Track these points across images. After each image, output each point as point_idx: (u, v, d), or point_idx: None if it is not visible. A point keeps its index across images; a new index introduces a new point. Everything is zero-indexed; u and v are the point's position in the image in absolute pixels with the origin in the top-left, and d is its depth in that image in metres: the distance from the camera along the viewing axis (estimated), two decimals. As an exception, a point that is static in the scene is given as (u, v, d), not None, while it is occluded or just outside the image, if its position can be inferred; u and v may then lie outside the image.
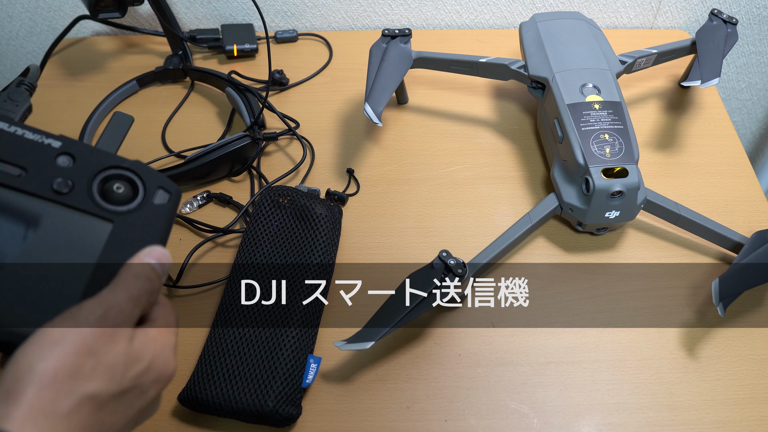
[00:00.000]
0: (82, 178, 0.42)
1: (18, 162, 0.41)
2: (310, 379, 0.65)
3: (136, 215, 0.43)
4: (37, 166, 0.42)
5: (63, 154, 0.43)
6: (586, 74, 0.80)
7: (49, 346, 0.36)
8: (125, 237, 0.42)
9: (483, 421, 0.66)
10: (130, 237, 0.43)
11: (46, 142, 0.43)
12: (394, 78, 0.82)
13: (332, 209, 0.76)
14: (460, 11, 1.06)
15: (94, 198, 0.42)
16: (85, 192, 0.42)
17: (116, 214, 0.43)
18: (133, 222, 0.43)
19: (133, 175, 0.44)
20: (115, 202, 0.43)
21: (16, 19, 1.03)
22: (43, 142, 0.43)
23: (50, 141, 0.43)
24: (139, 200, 0.44)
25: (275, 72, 0.95)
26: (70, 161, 0.43)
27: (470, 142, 0.90)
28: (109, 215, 0.42)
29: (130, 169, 0.44)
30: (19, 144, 0.42)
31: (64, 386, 0.35)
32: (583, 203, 0.74)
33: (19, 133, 0.42)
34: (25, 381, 0.35)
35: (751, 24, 1.10)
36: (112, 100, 0.92)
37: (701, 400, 0.67)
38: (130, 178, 0.44)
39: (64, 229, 0.41)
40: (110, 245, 0.42)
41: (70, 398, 0.35)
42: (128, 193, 0.43)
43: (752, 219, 0.81)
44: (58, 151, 0.43)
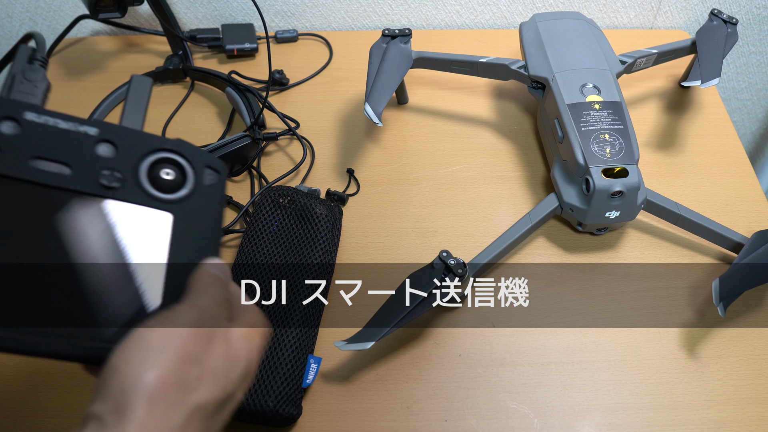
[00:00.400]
0: (128, 167, 0.40)
1: (60, 157, 0.38)
2: (311, 379, 0.65)
3: (191, 202, 0.41)
4: (80, 159, 0.39)
5: (102, 141, 0.40)
6: (586, 74, 0.80)
7: (153, 354, 0.35)
8: (188, 228, 0.40)
9: (483, 422, 0.66)
10: (193, 227, 0.41)
11: (81, 129, 0.39)
12: (394, 78, 0.82)
13: (332, 209, 0.76)
14: (460, 11, 1.06)
15: (146, 188, 0.40)
16: (135, 183, 0.40)
17: (172, 203, 0.41)
18: (190, 210, 0.41)
19: (179, 156, 0.41)
20: (166, 189, 0.41)
21: (16, 19, 1.03)
22: (79, 130, 0.39)
23: (85, 128, 0.40)
24: (191, 185, 0.41)
25: (275, 72, 0.95)
26: (112, 149, 0.40)
27: (470, 142, 0.90)
28: (165, 206, 0.40)
29: (175, 151, 0.41)
30: (56, 136, 0.39)
31: (174, 399, 0.34)
32: (583, 203, 0.74)
33: (52, 123, 0.39)
34: (133, 394, 0.33)
35: (751, 24, 1.10)
36: (112, 100, 0.92)
37: (701, 400, 0.67)
38: (175, 160, 0.41)
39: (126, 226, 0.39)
40: (176, 239, 0.40)
41: (180, 411, 0.34)
42: (178, 177, 0.41)
43: (752, 219, 0.81)
44: (96, 138, 0.40)
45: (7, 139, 0.37)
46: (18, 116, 0.38)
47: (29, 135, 0.38)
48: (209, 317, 0.38)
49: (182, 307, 0.38)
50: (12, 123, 0.38)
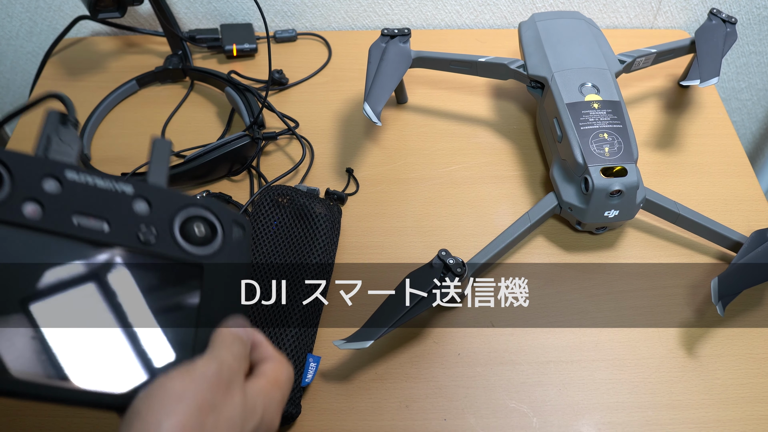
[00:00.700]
0: (163, 223, 0.42)
1: (99, 214, 0.41)
2: (310, 378, 0.65)
3: (221, 255, 0.43)
4: (118, 216, 0.41)
5: (137, 198, 0.42)
6: (585, 73, 0.80)
7: (174, 402, 0.36)
8: (217, 282, 0.43)
9: (482, 420, 0.66)
10: (221, 281, 0.43)
11: (118, 189, 0.42)
12: (393, 77, 0.82)
13: (331, 208, 0.76)
14: (460, 11, 1.06)
15: (179, 243, 0.42)
16: (169, 238, 0.42)
17: (203, 257, 0.43)
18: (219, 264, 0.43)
19: (209, 213, 0.44)
20: (198, 243, 0.43)
21: (16, 19, 1.03)
22: (116, 189, 0.42)
23: (122, 187, 0.42)
24: (220, 240, 0.44)
25: (275, 72, 0.95)
26: (147, 206, 0.42)
27: (469, 141, 0.90)
28: (197, 259, 0.42)
29: (206, 207, 0.44)
30: (95, 194, 0.41)
31: None
32: (582, 202, 0.74)
33: (91, 182, 0.41)
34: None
35: (751, 24, 1.10)
36: (111, 100, 0.92)
37: (700, 398, 0.67)
38: (205, 216, 0.44)
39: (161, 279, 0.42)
40: (207, 291, 0.42)
41: None
42: (208, 232, 0.43)
43: (751, 218, 0.81)
44: (131, 196, 0.42)
45: (51, 197, 0.40)
46: (60, 175, 0.40)
47: (70, 193, 0.40)
48: (228, 370, 0.40)
49: (203, 359, 0.40)
50: (54, 182, 0.40)
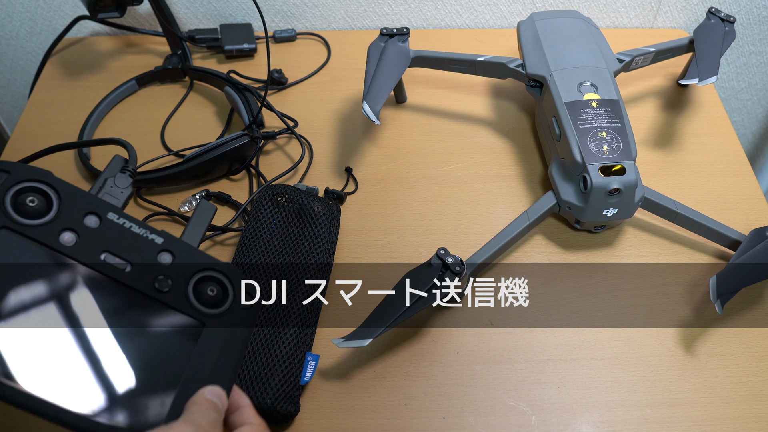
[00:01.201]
0: (180, 277, 0.45)
1: (125, 256, 0.44)
2: (309, 377, 0.65)
3: (225, 318, 0.45)
4: (142, 261, 0.44)
5: (164, 251, 0.45)
6: (584, 72, 0.80)
7: None
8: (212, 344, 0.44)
9: (481, 419, 0.66)
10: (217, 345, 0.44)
11: (150, 237, 0.45)
12: (392, 77, 0.82)
13: (330, 208, 0.76)
14: (460, 11, 1.06)
15: (190, 299, 0.45)
16: (182, 292, 0.45)
17: (208, 316, 0.45)
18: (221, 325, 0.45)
19: (225, 278, 0.46)
20: (207, 303, 0.45)
21: (16, 19, 1.04)
22: (148, 237, 0.45)
23: (154, 237, 0.45)
24: (228, 304, 0.46)
25: (274, 71, 0.95)
26: (170, 258, 0.45)
27: (468, 140, 0.90)
28: (201, 317, 0.45)
29: (223, 272, 0.46)
30: (127, 237, 0.44)
31: None
32: (580, 201, 0.74)
33: (127, 226, 0.45)
34: None
35: (751, 24, 1.10)
36: (111, 100, 0.92)
37: (699, 397, 0.67)
38: (221, 280, 0.46)
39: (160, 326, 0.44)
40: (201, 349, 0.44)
41: None
42: (219, 296, 0.46)
43: (750, 216, 0.81)
44: (160, 247, 0.45)
45: (88, 230, 0.44)
46: (102, 214, 0.44)
47: (106, 231, 0.44)
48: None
49: (179, 423, 0.41)
50: (95, 218, 0.44)
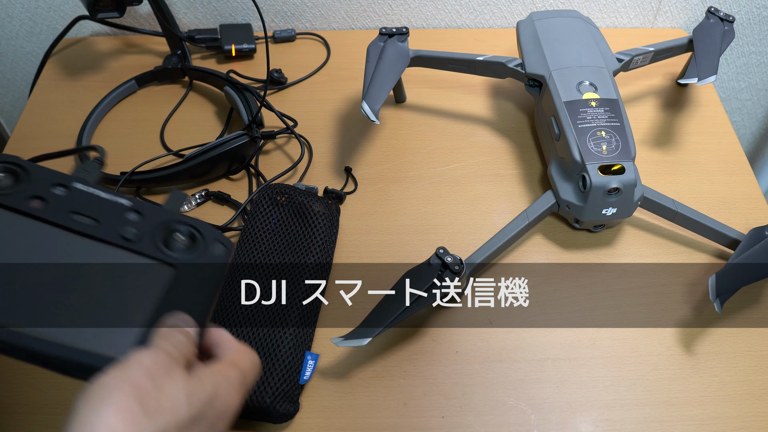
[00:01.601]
0: (148, 228, 0.47)
1: (92, 215, 0.46)
2: (308, 376, 0.65)
3: (196, 265, 0.46)
4: (110, 218, 0.46)
5: (132, 210, 0.47)
6: (583, 72, 0.80)
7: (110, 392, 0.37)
8: (183, 289, 0.45)
9: (480, 418, 0.66)
10: (188, 290, 0.45)
11: (117, 201, 0.47)
12: (391, 76, 0.82)
13: (330, 207, 0.76)
14: (460, 11, 1.06)
15: (159, 246, 0.46)
16: (150, 240, 0.46)
17: (177, 260, 0.46)
18: (193, 270, 0.46)
19: (193, 229, 0.48)
20: (177, 250, 0.46)
21: (16, 19, 1.04)
22: (115, 200, 0.47)
23: (121, 200, 0.47)
24: (199, 252, 0.47)
25: (273, 71, 0.95)
26: (138, 216, 0.47)
27: (468, 140, 0.90)
28: (172, 261, 0.46)
29: (190, 224, 0.48)
30: (94, 201, 0.46)
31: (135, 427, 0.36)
32: (580, 200, 0.74)
33: (95, 193, 0.47)
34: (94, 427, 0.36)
35: (751, 24, 1.10)
36: (111, 100, 0.92)
37: (698, 396, 0.67)
38: (190, 231, 0.48)
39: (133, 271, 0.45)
40: (173, 288, 0.45)
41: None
42: (189, 243, 0.47)
43: (749, 216, 0.81)
44: (127, 208, 0.47)
45: (56, 197, 0.46)
46: (68, 185, 0.47)
47: (74, 198, 0.46)
48: (165, 356, 0.40)
49: (139, 350, 0.40)
50: (63, 189, 0.46)
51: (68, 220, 0.45)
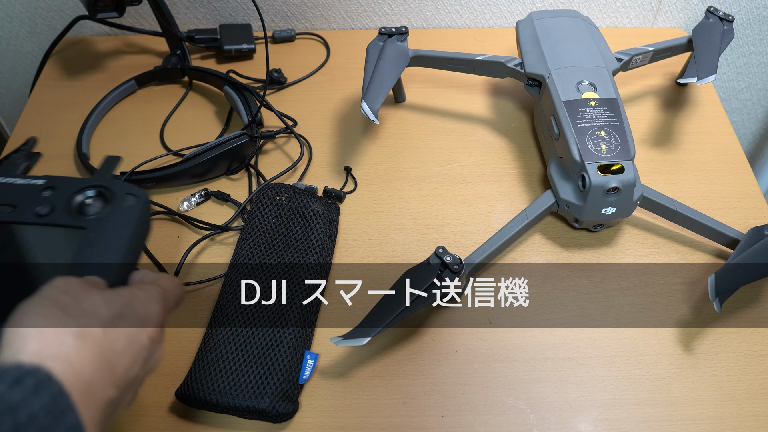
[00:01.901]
0: (61, 201, 0.50)
1: (9, 202, 0.49)
2: (307, 375, 0.65)
3: (108, 219, 0.49)
4: (25, 201, 0.50)
5: (47, 188, 0.50)
6: (583, 71, 0.80)
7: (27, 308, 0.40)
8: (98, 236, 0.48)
9: (480, 417, 0.66)
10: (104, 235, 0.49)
11: (32, 183, 0.51)
12: (391, 76, 0.82)
13: (329, 207, 0.76)
14: (460, 11, 1.06)
15: (72, 214, 0.50)
16: (64, 211, 0.50)
17: (89, 222, 0.49)
18: (105, 224, 0.49)
19: (103, 189, 0.51)
20: (91, 213, 0.50)
21: (16, 19, 1.04)
22: (30, 183, 0.51)
23: (36, 181, 0.51)
24: (110, 208, 0.50)
25: (273, 71, 0.95)
26: (52, 191, 0.50)
27: (467, 139, 0.90)
28: (82, 224, 0.49)
29: (100, 185, 0.51)
30: (10, 189, 0.50)
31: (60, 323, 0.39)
32: (579, 200, 0.74)
33: (9, 181, 0.51)
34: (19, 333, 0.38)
35: (751, 24, 1.10)
36: (110, 100, 0.92)
37: (698, 396, 0.67)
38: (102, 192, 0.51)
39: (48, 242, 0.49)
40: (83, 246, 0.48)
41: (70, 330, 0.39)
42: (100, 203, 0.50)
43: (749, 215, 0.81)
44: (42, 186, 0.50)
45: None
46: None
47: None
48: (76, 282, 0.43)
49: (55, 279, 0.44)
50: None
51: None
